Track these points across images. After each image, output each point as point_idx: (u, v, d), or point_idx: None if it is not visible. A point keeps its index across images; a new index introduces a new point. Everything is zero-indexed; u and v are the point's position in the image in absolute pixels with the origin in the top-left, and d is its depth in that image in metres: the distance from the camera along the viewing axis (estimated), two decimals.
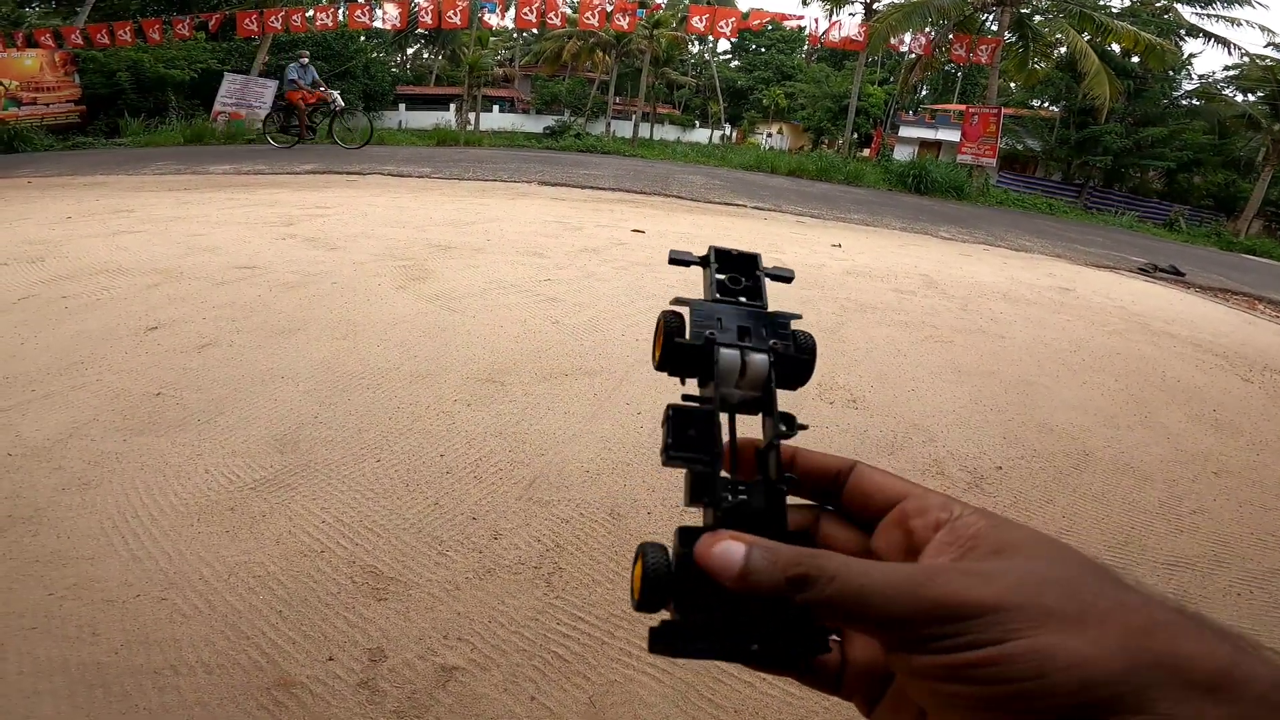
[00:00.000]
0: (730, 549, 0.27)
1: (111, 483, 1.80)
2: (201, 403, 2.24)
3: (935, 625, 0.23)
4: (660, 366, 0.33)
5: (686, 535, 0.29)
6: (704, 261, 0.37)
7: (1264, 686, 0.21)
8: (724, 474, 0.31)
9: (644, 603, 0.28)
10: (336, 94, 12.16)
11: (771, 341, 0.33)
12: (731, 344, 0.32)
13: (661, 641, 0.28)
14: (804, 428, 0.33)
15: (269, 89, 16.30)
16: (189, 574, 1.49)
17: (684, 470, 0.31)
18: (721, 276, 0.35)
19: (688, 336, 0.32)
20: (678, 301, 0.34)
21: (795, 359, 0.33)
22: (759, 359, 0.32)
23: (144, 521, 1.66)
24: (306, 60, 12.16)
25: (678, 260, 0.37)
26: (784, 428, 0.32)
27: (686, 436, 0.31)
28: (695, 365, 0.33)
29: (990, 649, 0.22)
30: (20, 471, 1.83)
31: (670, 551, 0.29)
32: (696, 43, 36.17)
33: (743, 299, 0.35)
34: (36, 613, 1.36)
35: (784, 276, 0.38)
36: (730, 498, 0.30)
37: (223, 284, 3.46)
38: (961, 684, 0.23)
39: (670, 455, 0.31)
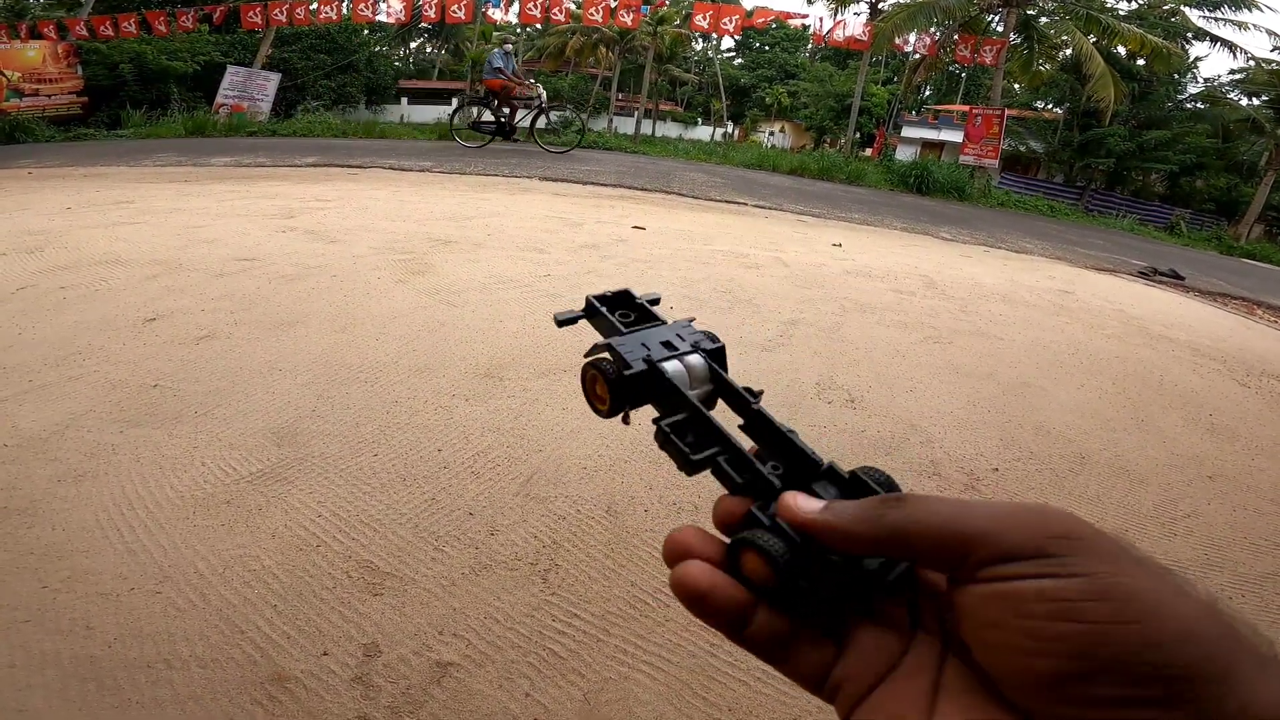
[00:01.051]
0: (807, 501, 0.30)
1: (108, 475, 1.80)
2: (199, 395, 2.23)
3: (1049, 539, 0.24)
4: (612, 411, 0.37)
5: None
6: (589, 313, 0.42)
7: None
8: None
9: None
10: (542, 87, 10.65)
11: (693, 342, 0.37)
12: (667, 357, 0.36)
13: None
14: (761, 391, 0.36)
15: (272, 81, 16.27)
16: (184, 567, 1.49)
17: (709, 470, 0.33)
18: (612, 317, 0.40)
19: (626, 372, 0.36)
20: (595, 350, 0.38)
21: (716, 350, 0.38)
22: (695, 359, 0.37)
23: (140, 514, 1.66)
24: (511, 48, 10.68)
25: (565, 321, 0.42)
26: (752, 395, 0.35)
27: (693, 443, 0.33)
28: (647, 390, 0.36)
29: (1102, 579, 0.23)
30: (16, 463, 1.83)
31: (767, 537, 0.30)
32: (700, 40, 36.09)
33: (643, 326, 0.39)
34: (30, 606, 1.35)
35: (653, 299, 0.43)
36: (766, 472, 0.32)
37: (222, 276, 3.45)
38: (1065, 622, 0.23)
39: (693, 462, 0.33)
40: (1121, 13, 17.48)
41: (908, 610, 0.30)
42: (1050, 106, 24.44)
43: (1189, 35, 18.32)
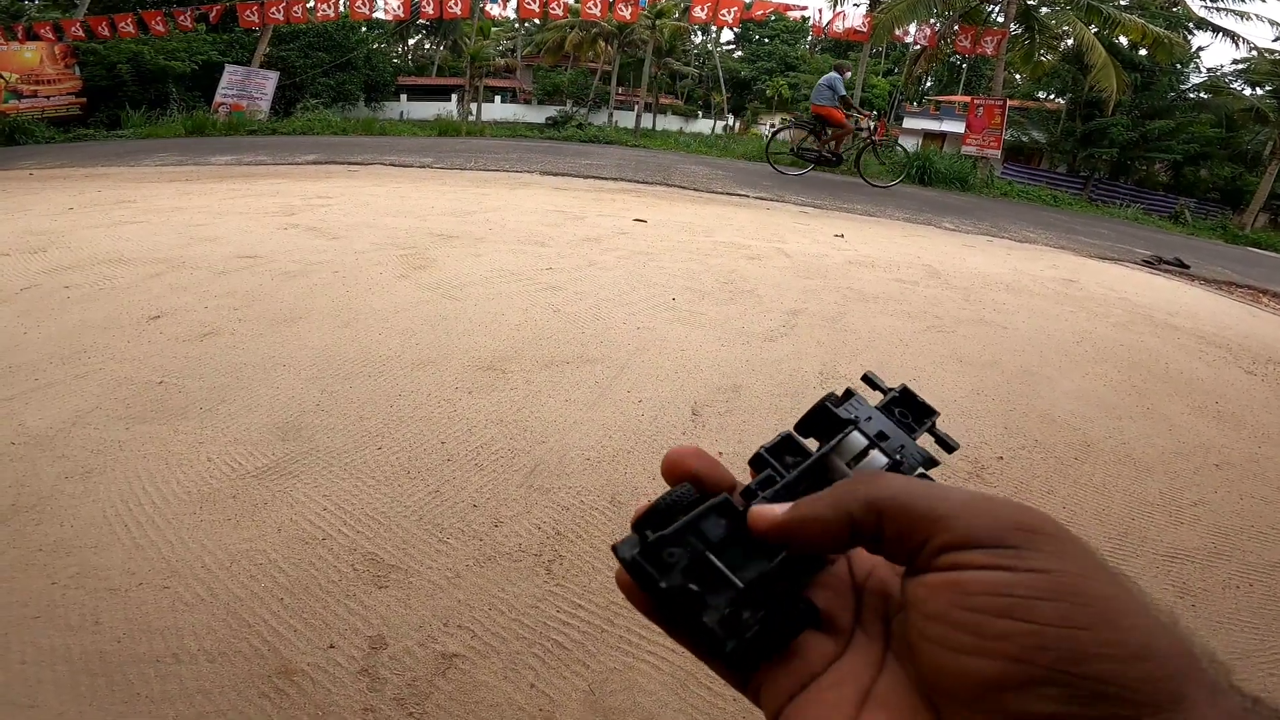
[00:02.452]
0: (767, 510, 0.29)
1: (114, 471, 1.80)
2: (203, 391, 2.24)
3: (1009, 530, 0.23)
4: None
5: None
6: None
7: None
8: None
9: None
10: (872, 116, 9.78)
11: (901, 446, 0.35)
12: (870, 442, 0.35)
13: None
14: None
15: (270, 80, 16.28)
16: (191, 562, 1.49)
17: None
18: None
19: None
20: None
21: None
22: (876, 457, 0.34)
23: (146, 510, 1.66)
24: (850, 74, 9.92)
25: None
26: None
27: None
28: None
29: (1054, 575, 0.22)
30: (23, 460, 1.83)
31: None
32: (699, 33, 35.96)
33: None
34: (39, 601, 1.36)
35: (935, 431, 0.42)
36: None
37: (224, 273, 3.46)
38: (1011, 620, 0.21)
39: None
40: (1123, 2, 17.38)
41: (851, 610, 0.29)
42: (1052, 97, 24.31)
43: (1191, 25, 18.23)
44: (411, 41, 36.60)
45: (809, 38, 37.74)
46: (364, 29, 23.60)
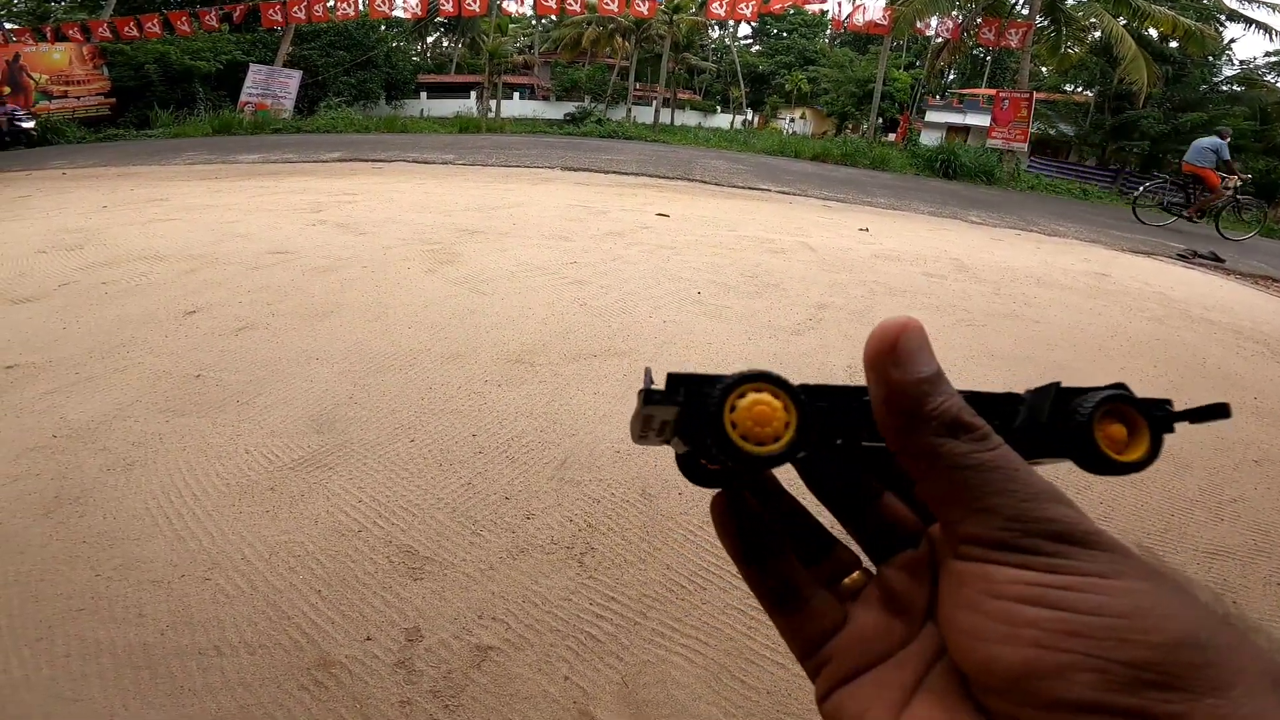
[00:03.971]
0: (921, 349, 0.25)
1: (155, 463, 1.84)
2: (240, 384, 2.28)
3: (1044, 539, 0.22)
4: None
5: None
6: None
7: None
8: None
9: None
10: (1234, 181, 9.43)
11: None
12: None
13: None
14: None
15: (294, 79, 16.49)
16: (231, 554, 1.52)
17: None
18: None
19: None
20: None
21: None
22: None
23: (187, 501, 1.69)
24: (1229, 137, 9.54)
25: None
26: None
27: None
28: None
29: (1093, 578, 0.21)
30: (66, 453, 1.87)
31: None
32: (717, 28, 35.72)
33: None
34: (84, 594, 1.38)
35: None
36: None
37: (257, 269, 3.51)
38: (1041, 608, 0.21)
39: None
40: None
41: (927, 596, 0.27)
42: (1080, 90, 23.82)
43: (1222, 17, 17.75)
44: (430, 39, 36.83)
45: (828, 31, 37.34)
46: (384, 27, 23.80)
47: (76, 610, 1.35)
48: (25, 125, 12.70)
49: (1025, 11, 15.60)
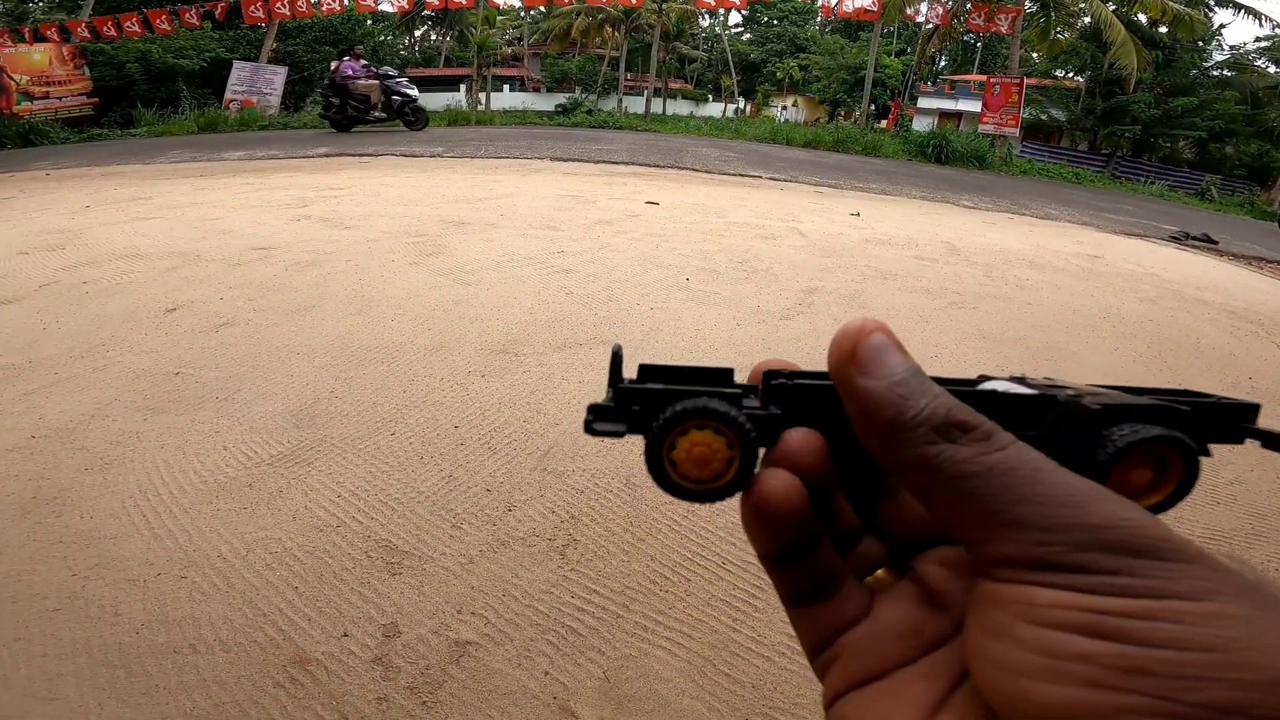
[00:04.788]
0: (885, 351, 0.22)
1: (132, 462, 1.81)
2: (219, 380, 2.24)
3: (1099, 551, 0.18)
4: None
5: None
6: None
7: None
8: None
9: None
10: None
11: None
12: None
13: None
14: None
15: (279, 75, 16.32)
16: (208, 551, 1.49)
17: None
18: None
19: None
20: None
21: None
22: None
23: (164, 500, 1.66)
24: None
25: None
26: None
27: None
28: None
29: (1169, 600, 0.17)
30: (44, 454, 1.85)
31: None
32: (707, 16, 35.52)
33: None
34: (60, 594, 1.37)
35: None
36: None
37: (239, 265, 3.46)
38: (1095, 639, 0.17)
39: None
40: None
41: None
42: (1071, 75, 23.77)
43: (1211, 2, 17.75)
44: (418, 33, 36.52)
45: (818, 18, 37.14)
46: (370, 22, 23.55)
47: (53, 610, 1.34)
48: (408, 93, 11.71)
49: None
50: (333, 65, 12.33)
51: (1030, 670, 0.17)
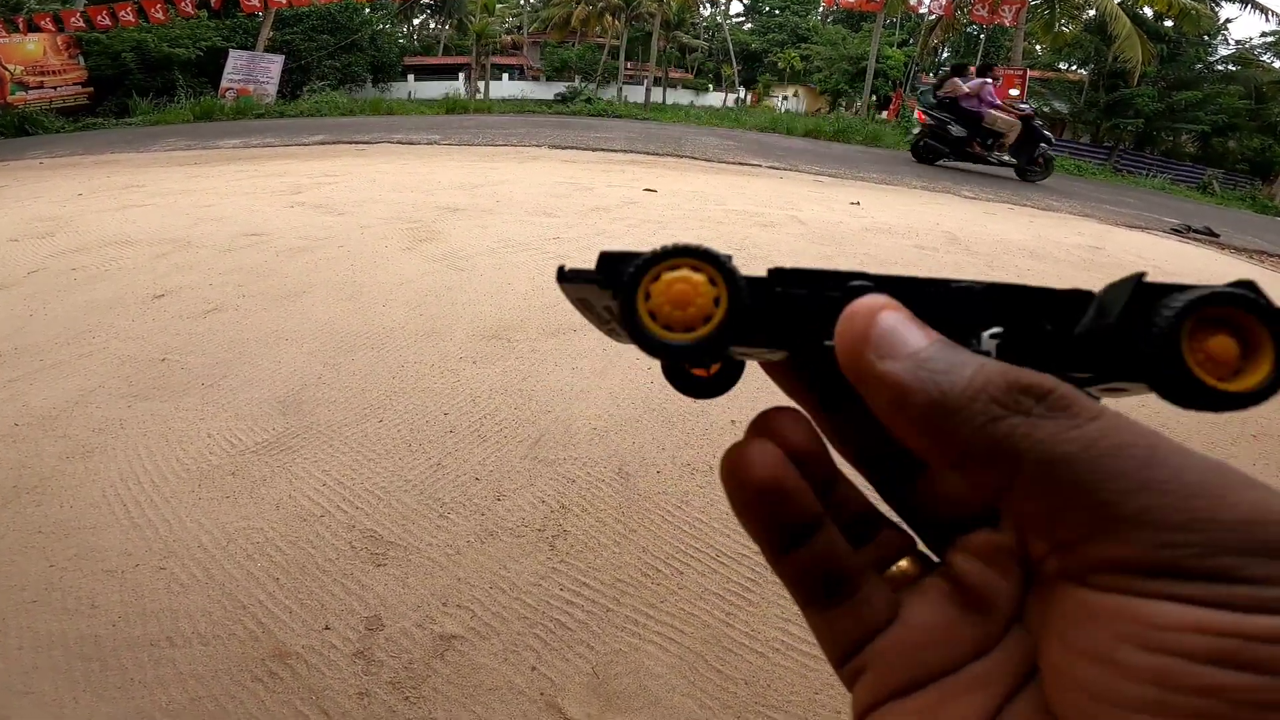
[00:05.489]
0: (901, 326, 0.18)
1: (115, 449, 1.77)
2: (206, 367, 2.20)
3: (1251, 555, 0.14)
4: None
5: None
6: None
7: None
8: None
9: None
10: None
11: None
12: None
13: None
14: None
15: (275, 64, 16.21)
16: (188, 542, 1.45)
17: None
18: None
19: None
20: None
21: None
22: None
23: (145, 488, 1.63)
24: None
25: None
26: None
27: None
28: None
29: None
30: (26, 441, 1.81)
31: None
32: (708, 5, 35.26)
33: None
34: (38, 585, 1.34)
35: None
36: None
37: (230, 251, 3.42)
38: (1239, 671, 0.13)
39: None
40: None
41: (1015, 593, 0.20)
42: (1074, 68, 23.63)
43: None
44: (416, 21, 36.23)
45: (820, 8, 36.82)
46: (368, 10, 23.34)
47: (30, 602, 1.31)
48: (1048, 137, 9.28)
49: None
50: (943, 80, 9.91)
51: (1139, 703, 0.14)
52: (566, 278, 0.23)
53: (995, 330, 0.20)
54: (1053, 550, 0.16)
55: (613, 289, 0.21)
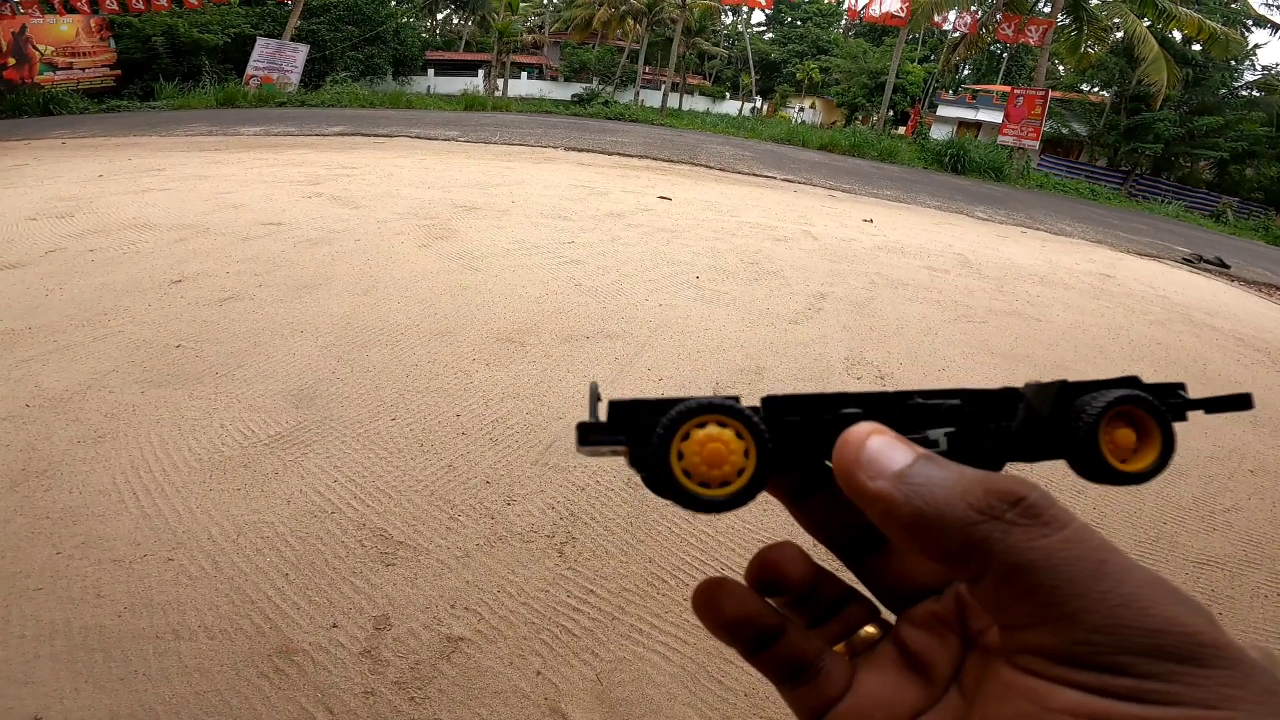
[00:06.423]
0: (888, 448, 0.20)
1: (126, 435, 1.78)
2: (220, 356, 2.22)
3: (1140, 655, 0.16)
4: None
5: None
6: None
7: None
8: None
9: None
10: None
11: None
12: None
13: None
14: None
15: (300, 53, 16.30)
16: (198, 533, 1.46)
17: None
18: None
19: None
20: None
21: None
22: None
23: (156, 477, 1.63)
24: None
25: None
26: None
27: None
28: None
29: (1193, 709, 0.15)
30: (37, 424, 1.81)
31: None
32: (730, 13, 35.30)
33: None
34: (43, 573, 1.33)
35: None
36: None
37: (247, 240, 3.44)
38: None
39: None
40: None
41: (953, 660, 0.23)
42: (1096, 90, 23.56)
43: (1249, 21, 17.52)
44: (440, 16, 36.39)
45: (843, 21, 36.88)
46: (393, 3, 23.49)
47: (34, 589, 1.30)
48: None
49: (1046, 9, 15.39)
50: None
51: None
52: (588, 440, 0.22)
53: (948, 430, 0.24)
54: (1001, 630, 0.19)
55: (640, 459, 0.22)
